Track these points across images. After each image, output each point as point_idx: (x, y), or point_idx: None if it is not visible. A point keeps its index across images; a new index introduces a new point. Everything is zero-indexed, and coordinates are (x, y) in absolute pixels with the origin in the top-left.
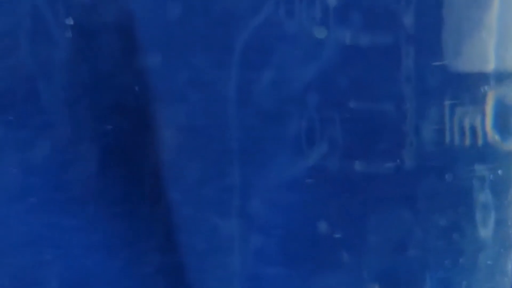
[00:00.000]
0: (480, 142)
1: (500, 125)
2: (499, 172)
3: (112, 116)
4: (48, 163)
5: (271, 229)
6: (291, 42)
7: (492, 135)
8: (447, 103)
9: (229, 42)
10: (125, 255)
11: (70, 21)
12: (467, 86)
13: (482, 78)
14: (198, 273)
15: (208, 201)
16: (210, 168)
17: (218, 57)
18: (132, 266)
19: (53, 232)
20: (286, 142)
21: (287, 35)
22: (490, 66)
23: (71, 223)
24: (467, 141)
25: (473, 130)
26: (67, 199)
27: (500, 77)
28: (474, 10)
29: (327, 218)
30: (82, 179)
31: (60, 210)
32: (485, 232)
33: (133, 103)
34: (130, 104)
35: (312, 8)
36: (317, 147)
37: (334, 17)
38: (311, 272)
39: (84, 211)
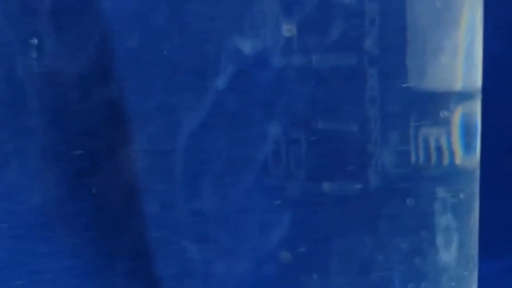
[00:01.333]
0: (445, 162)
1: (464, 144)
2: (461, 195)
3: (81, 141)
4: (18, 188)
5: (239, 253)
6: (253, 67)
7: (457, 154)
8: (412, 124)
9: (196, 66)
10: (97, 280)
11: (34, 41)
12: (433, 107)
13: (447, 98)
14: None
15: (177, 225)
16: (179, 191)
17: (186, 81)
18: None
19: (25, 258)
20: (253, 164)
21: (249, 61)
22: (456, 85)
23: (43, 249)
24: (432, 162)
25: (438, 150)
26: (38, 225)
27: (464, 96)
28: (439, 30)
29: (292, 240)
30: (53, 204)
31: (31, 235)
32: (448, 255)
33: (101, 128)
34: (99, 129)
35: (273, 33)
36: (283, 169)
37: (296, 40)
38: (282, 282)
39: (55, 236)
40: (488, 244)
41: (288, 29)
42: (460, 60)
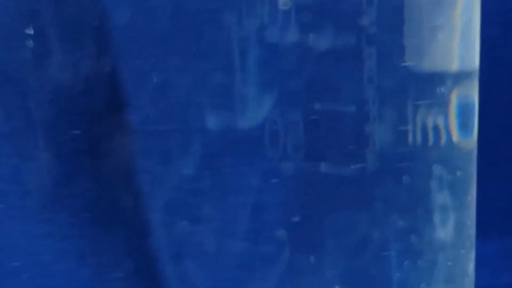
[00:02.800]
0: (443, 142)
1: (462, 123)
2: (458, 173)
3: (80, 121)
4: (15, 170)
5: (235, 233)
6: (250, 46)
7: (455, 135)
8: (410, 103)
9: (196, 45)
10: (95, 261)
11: (30, 31)
12: (430, 87)
13: (444, 78)
14: (169, 279)
15: (178, 205)
16: (180, 172)
17: (187, 60)
18: (102, 272)
19: (22, 239)
20: (249, 144)
21: (243, 39)
22: (453, 66)
23: (41, 230)
24: (430, 142)
25: (436, 130)
26: (36, 206)
27: (461, 76)
28: (436, 10)
29: (288, 220)
30: (51, 185)
31: (29, 216)
32: (444, 233)
33: (101, 108)
34: (98, 109)
35: (270, 11)
36: (280, 149)
37: (294, 20)
38: (274, 274)
39: (53, 217)
40: (485, 224)
41: (284, 2)
42: (456, 40)
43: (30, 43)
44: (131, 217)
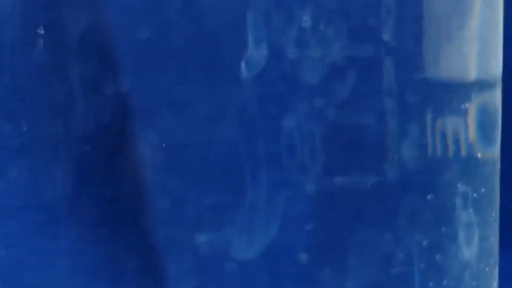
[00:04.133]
0: (463, 155)
1: (483, 136)
2: (482, 189)
3: (90, 136)
4: (26, 185)
5: (253, 250)
6: (268, 61)
7: (476, 147)
8: (429, 115)
9: (204, 59)
10: (109, 277)
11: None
12: (450, 98)
13: (465, 88)
14: None
15: (190, 220)
16: (191, 186)
17: (195, 74)
18: (117, 286)
19: (35, 255)
20: (267, 159)
21: (263, 54)
22: (473, 75)
23: (53, 245)
24: (450, 154)
25: (456, 142)
26: (48, 221)
27: (482, 86)
28: (455, 20)
29: (308, 236)
30: (62, 200)
31: (41, 232)
32: (469, 251)
33: (111, 122)
34: (108, 124)
35: (288, 27)
36: (298, 163)
37: (311, 34)
38: (299, 282)
39: (65, 233)
40: (508, 239)
41: (303, 20)
42: (477, 49)
43: (41, 52)
44: (146, 233)
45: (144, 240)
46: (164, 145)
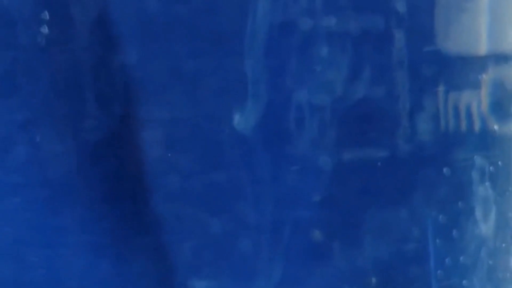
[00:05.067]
0: (477, 128)
1: (498, 109)
2: (499, 163)
3: (94, 111)
4: (30, 161)
5: (263, 224)
6: (277, 31)
7: (491, 120)
8: (441, 88)
9: (212, 30)
10: (113, 254)
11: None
12: (462, 71)
13: (477, 61)
14: (187, 271)
15: (195, 196)
16: (197, 161)
17: (201, 46)
18: (121, 265)
19: (39, 233)
20: (274, 132)
21: (273, 24)
22: (484, 49)
23: (57, 223)
24: (465, 128)
25: (470, 116)
26: (52, 198)
27: (495, 59)
28: None
29: (318, 210)
30: (66, 177)
31: (44, 209)
32: (486, 227)
33: (115, 97)
34: (113, 99)
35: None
36: (308, 136)
37: (322, 4)
38: (305, 267)
39: (69, 210)
40: None
41: None
42: (490, 21)
43: (45, 30)
44: (151, 209)
45: (149, 217)
46: (169, 155)
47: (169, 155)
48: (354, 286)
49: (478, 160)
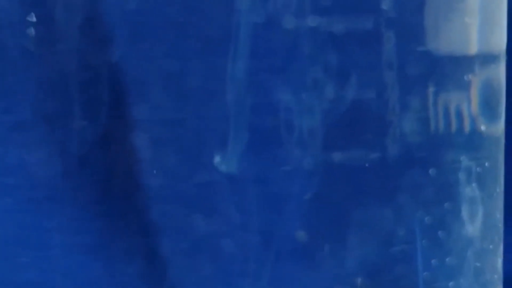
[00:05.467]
0: (466, 129)
1: (486, 110)
2: (486, 164)
3: (89, 111)
4: (21, 162)
5: (251, 225)
6: (263, 31)
7: (479, 121)
8: (430, 89)
9: (201, 30)
10: (105, 255)
11: (32, 18)
12: (453, 71)
13: (468, 61)
14: (180, 272)
15: (185, 198)
16: (187, 162)
17: (191, 46)
18: (113, 266)
19: (31, 233)
20: (264, 133)
21: (259, 24)
22: (474, 48)
23: (49, 224)
24: (453, 129)
25: (459, 117)
26: (44, 199)
27: (485, 60)
28: None
29: (307, 214)
30: (58, 177)
31: (37, 210)
32: (473, 228)
33: (105, 98)
34: (103, 99)
35: None
36: (296, 138)
37: (309, 3)
38: (293, 269)
39: (61, 210)
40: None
41: None
42: (479, 21)
43: (32, 31)
44: (142, 210)
45: (140, 218)
46: (154, 172)
47: (154, 172)
48: (342, 287)
49: (465, 161)
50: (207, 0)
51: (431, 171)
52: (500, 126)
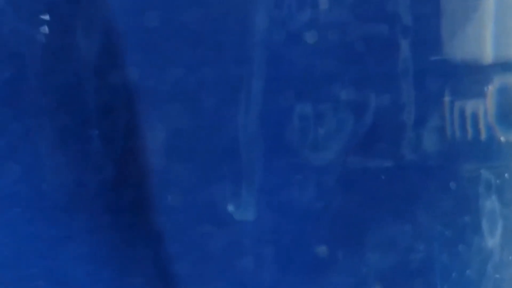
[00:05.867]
0: (483, 139)
1: (503, 119)
2: (506, 175)
3: (97, 120)
4: (31, 171)
5: (267, 234)
6: (280, 41)
7: (497, 130)
8: (446, 98)
9: (218, 40)
10: (114, 265)
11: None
12: (467, 80)
13: (484, 70)
14: (188, 284)
15: (199, 207)
16: (199, 173)
17: (208, 56)
18: (122, 276)
19: (39, 243)
20: (279, 141)
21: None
22: (490, 58)
23: (58, 233)
24: (469, 139)
25: (475, 126)
26: (53, 208)
27: (501, 69)
28: (470, 1)
29: (321, 221)
30: (67, 187)
31: (45, 220)
32: (493, 241)
33: (119, 106)
34: (116, 108)
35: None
36: (311, 145)
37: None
38: (309, 276)
39: (70, 220)
40: None
41: (310, 36)
42: (494, 31)
43: (43, 38)
44: (150, 220)
45: (150, 228)
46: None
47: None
48: None
49: (484, 172)
50: (223, 12)
51: (451, 182)
52: None
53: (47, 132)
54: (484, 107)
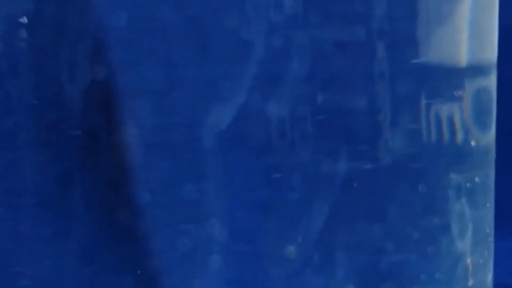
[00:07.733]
0: (459, 141)
1: (478, 122)
2: (476, 179)
3: (82, 119)
4: (15, 168)
5: (246, 232)
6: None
7: (470, 133)
8: (423, 100)
9: (203, 38)
10: (99, 263)
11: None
12: (444, 83)
13: (460, 73)
14: (174, 280)
15: (180, 204)
16: (179, 169)
17: (192, 53)
18: (107, 274)
19: (22, 242)
20: (257, 141)
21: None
22: (464, 61)
23: (41, 231)
24: (445, 141)
25: (451, 129)
26: (36, 206)
27: (476, 72)
28: (445, 4)
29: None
30: (51, 184)
31: (29, 217)
32: (463, 243)
33: (102, 103)
34: (99, 104)
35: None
36: (288, 148)
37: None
38: (287, 274)
39: (54, 218)
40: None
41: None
42: (469, 34)
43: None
44: (134, 218)
45: (134, 225)
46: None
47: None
48: None
49: (455, 175)
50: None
51: (420, 186)
52: (490, 139)
53: (30, 129)
54: (459, 110)
